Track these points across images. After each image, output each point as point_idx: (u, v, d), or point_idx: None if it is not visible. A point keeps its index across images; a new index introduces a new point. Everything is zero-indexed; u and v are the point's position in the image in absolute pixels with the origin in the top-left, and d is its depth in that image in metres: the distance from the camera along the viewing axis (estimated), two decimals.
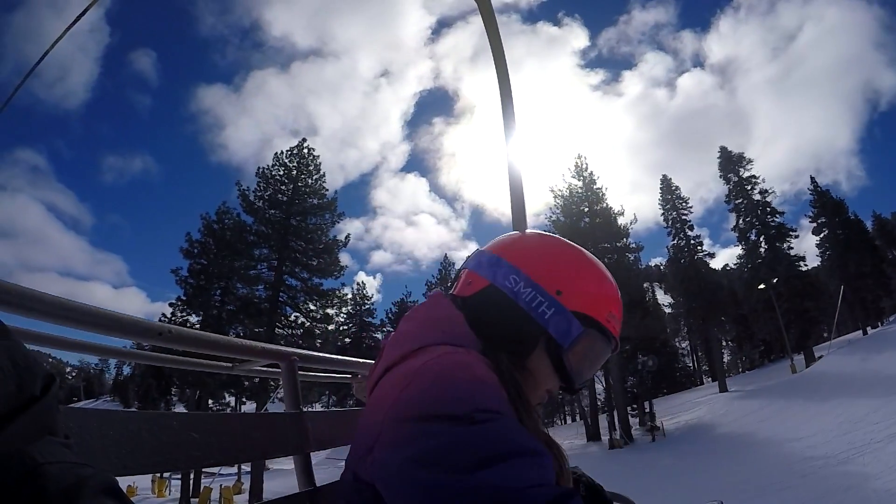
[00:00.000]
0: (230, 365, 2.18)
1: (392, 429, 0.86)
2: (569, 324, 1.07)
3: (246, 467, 31.36)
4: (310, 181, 38.45)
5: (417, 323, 1.09)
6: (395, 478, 0.82)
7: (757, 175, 46.81)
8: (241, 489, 31.27)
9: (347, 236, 39.47)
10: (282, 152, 39.39)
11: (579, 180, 41.71)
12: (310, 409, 1.75)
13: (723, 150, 48.06)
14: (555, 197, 41.30)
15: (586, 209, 40.48)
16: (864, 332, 43.14)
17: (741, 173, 46.84)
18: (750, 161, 47.25)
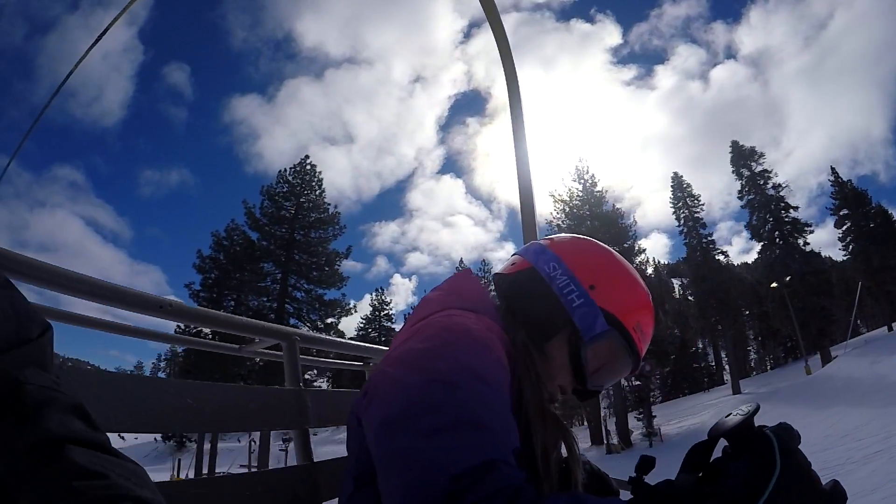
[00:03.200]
0: (237, 347, 2.24)
1: (383, 373, 0.93)
2: (594, 318, 1.10)
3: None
4: (312, 196, 39.67)
5: (442, 291, 1.18)
6: (373, 437, 0.89)
7: (769, 169, 45.81)
8: None
9: (349, 248, 40.59)
10: (285, 169, 40.84)
11: (580, 184, 41.57)
12: (311, 388, 1.80)
13: (734, 144, 47.02)
14: (555, 201, 41.23)
15: (588, 212, 40.34)
16: (889, 329, 41.78)
17: (754, 168, 45.82)
18: (762, 155, 46.16)
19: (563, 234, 1.30)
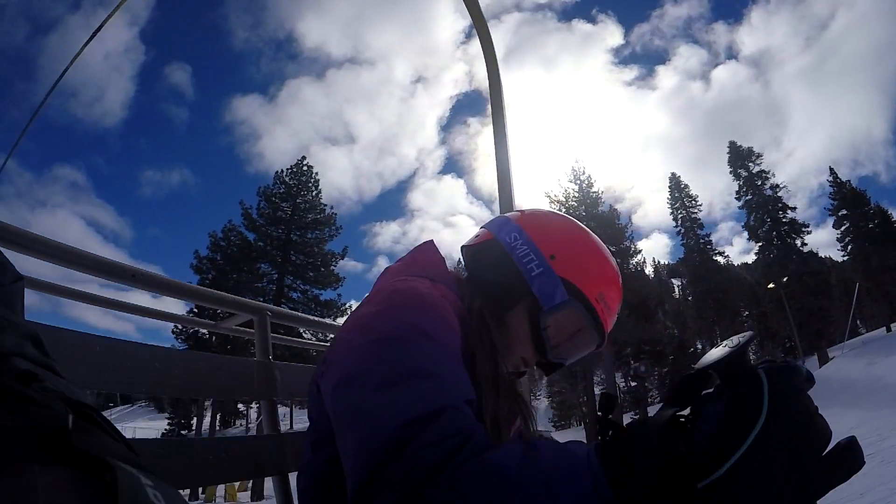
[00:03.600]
0: (213, 323, 2.31)
1: (339, 339, 0.95)
2: (554, 288, 1.09)
3: None
4: (309, 197, 40.17)
5: (403, 261, 1.18)
6: (329, 400, 0.90)
7: (767, 170, 45.88)
8: (247, 487, 31.95)
9: (345, 249, 41.08)
10: (282, 171, 41.32)
11: (576, 184, 41.72)
12: (280, 362, 1.79)
13: (732, 144, 47.08)
14: (551, 202, 41.35)
15: (584, 213, 40.37)
16: (888, 329, 41.45)
17: (751, 168, 45.84)
18: (760, 155, 46.30)
19: (534, 208, 1.30)
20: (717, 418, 0.67)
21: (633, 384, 37.67)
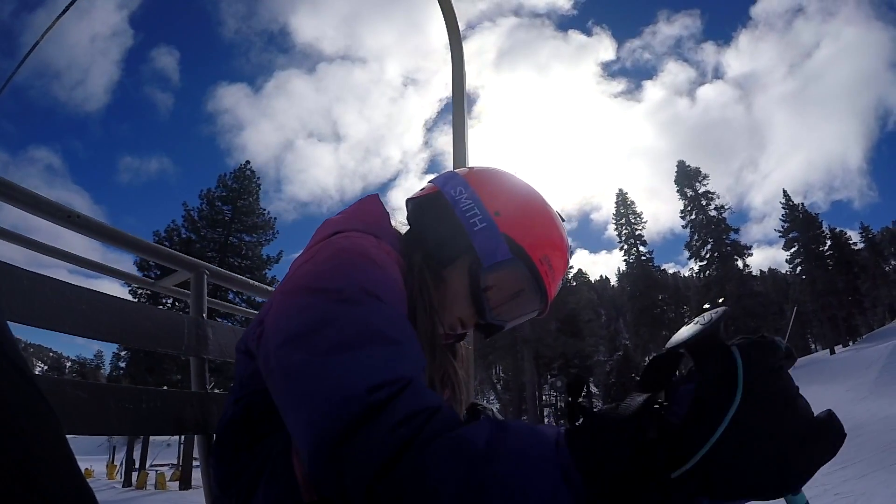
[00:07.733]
0: (152, 280, 2.25)
1: (280, 299, 0.89)
2: (496, 244, 1.07)
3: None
4: (249, 201, 41.62)
5: (345, 213, 1.13)
6: (272, 359, 0.82)
7: (713, 191, 47.35)
8: (179, 476, 31.34)
9: (280, 253, 42.21)
10: (225, 174, 42.72)
11: None
12: (215, 320, 1.80)
13: (680, 164, 48.83)
14: None
15: None
16: (832, 352, 42.27)
17: (697, 188, 47.36)
18: (706, 176, 48.01)
19: (486, 165, 1.26)
20: (689, 401, 0.64)
21: (553, 398, 38.40)
